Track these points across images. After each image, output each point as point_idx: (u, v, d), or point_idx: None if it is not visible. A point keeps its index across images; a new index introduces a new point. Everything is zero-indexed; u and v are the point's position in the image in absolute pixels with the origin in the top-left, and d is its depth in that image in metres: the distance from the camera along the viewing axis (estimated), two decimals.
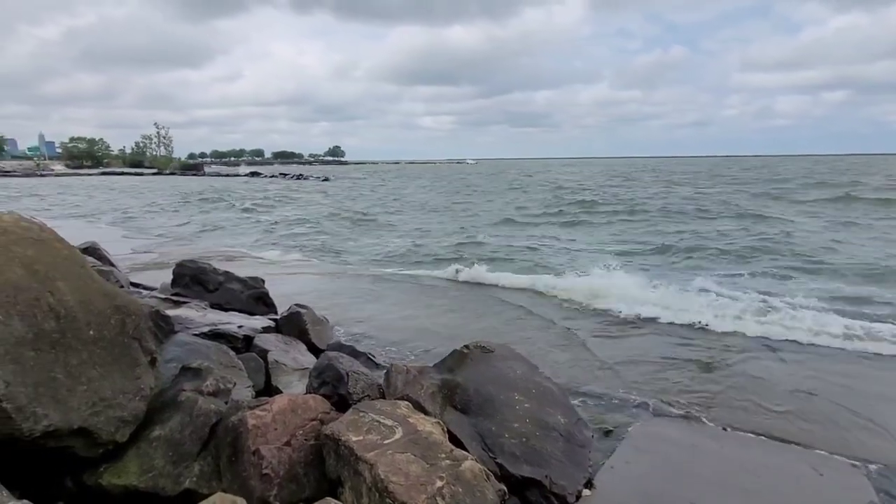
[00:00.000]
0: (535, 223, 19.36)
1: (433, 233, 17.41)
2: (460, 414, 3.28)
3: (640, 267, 10.94)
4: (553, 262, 11.76)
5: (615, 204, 24.08)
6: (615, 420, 4.12)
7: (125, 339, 2.68)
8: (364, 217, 22.09)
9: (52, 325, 2.31)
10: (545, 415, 3.30)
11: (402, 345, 6.32)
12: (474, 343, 3.81)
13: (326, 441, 2.66)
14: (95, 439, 2.40)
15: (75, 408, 2.30)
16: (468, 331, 6.75)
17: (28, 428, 2.08)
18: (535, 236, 16.20)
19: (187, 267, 6.20)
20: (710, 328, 6.91)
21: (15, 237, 2.37)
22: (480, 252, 13.18)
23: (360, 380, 3.53)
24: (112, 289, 2.80)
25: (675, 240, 14.53)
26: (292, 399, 2.96)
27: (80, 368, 2.37)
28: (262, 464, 2.53)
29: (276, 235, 17.29)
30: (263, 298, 6.34)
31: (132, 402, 2.60)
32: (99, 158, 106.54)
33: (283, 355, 4.41)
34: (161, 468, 2.58)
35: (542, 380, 3.68)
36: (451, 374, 3.56)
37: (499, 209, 24.50)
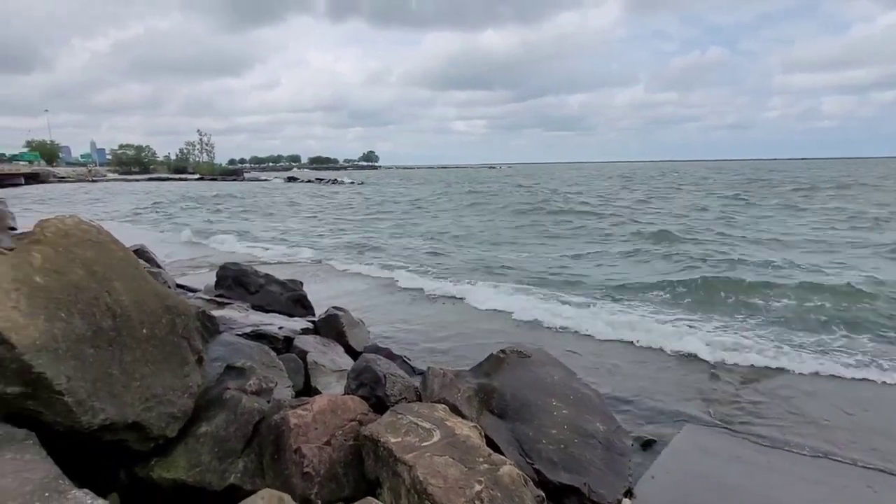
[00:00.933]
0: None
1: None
2: (497, 418, 3.27)
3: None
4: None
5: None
6: (656, 430, 4.03)
7: (175, 339, 2.79)
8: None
9: (109, 323, 2.42)
10: (584, 422, 3.26)
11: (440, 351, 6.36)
12: (511, 347, 3.80)
13: (365, 442, 2.70)
14: (147, 434, 2.50)
15: (129, 403, 2.40)
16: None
17: (87, 421, 2.19)
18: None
19: (230, 269, 6.39)
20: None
21: (76, 239, 2.50)
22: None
23: (397, 382, 3.56)
24: (163, 289, 2.91)
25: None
26: (332, 399, 3.02)
27: (134, 365, 2.48)
28: (304, 462, 2.59)
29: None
30: (302, 301, 6.48)
31: (181, 399, 2.69)
32: (146, 164, 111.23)
33: (321, 357, 4.49)
34: (207, 463, 2.67)
35: (579, 386, 3.64)
36: (488, 378, 3.56)
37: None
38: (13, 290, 2.11)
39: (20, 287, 2.15)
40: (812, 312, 7.72)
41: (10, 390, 2.04)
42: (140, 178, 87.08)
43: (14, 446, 1.95)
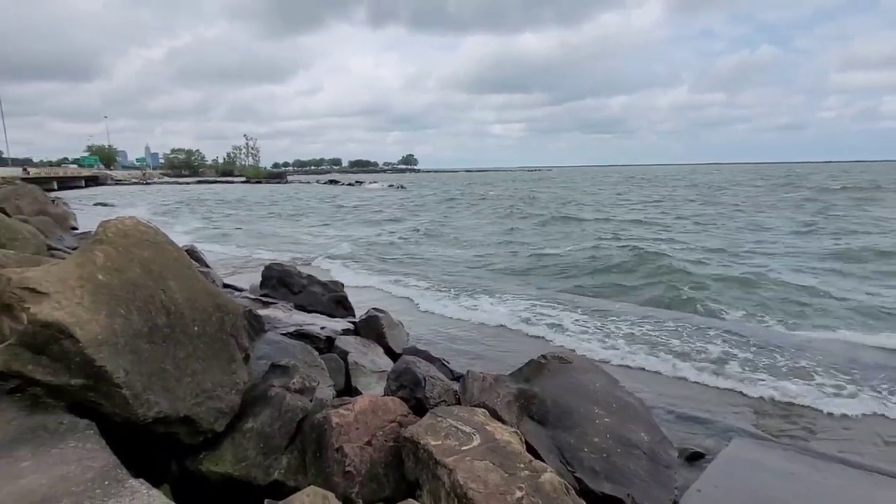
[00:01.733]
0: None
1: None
2: (537, 425, 3.23)
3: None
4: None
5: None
6: (702, 443, 3.89)
7: (224, 336, 2.88)
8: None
9: (163, 320, 2.52)
10: (627, 431, 3.18)
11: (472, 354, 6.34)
12: (552, 353, 3.75)
13: (405, 443, 2.71)
14: (197, 427, 2.59)
15: (181, 397, 2.49)
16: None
17: (142, 413, 2.28)
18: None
19: (274, 270, 6.56)
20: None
21: (135, 240, 2.62)
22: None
23: (436, 385, 3.57)
24: (213, 288, 3.02)
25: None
26: (373, 400, 3.05)
27: (186, 361, 2.57)
28: (346, 461, 2.62)
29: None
30: (342, 302, 6.59)
31: (229, 395, 2.78)
32: (195, 168, 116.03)
33: (361, 357, 4.55)
34: (253, 459, 2.74)
35: (623, 394, 3.55)
36: (528, 383, 3.52)
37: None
38: (78, 287, 2.23)
39: (84, 284, 2.27)
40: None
41: (74, 382, 2.15)
42: (190, 180, 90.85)
43: (77, 435, 2.06)
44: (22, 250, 3.73)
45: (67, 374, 2.16)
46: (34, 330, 2.11)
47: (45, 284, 2.17)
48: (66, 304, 2.15)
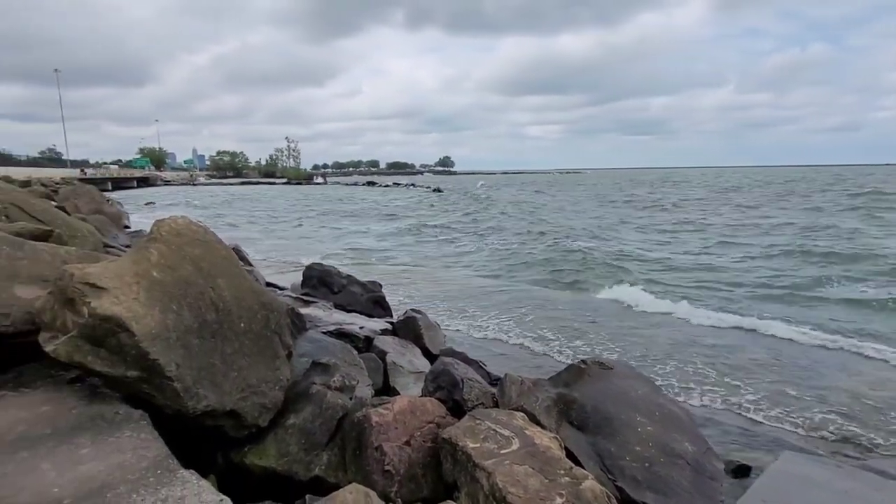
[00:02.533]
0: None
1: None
2: (577, 431, 3.18)
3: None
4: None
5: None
6: (750, 456, 3.75)
7: (268, 333, 2.96)
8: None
9: (212, 316, 2.61)
10: (670, 440, 3.09)
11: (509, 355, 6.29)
12: (592, 358, 3.68)
13: (444, 445, 2.71)
14: (242, 421, 2.66)
15: (228, 392, 2.56)
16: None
17: (192, 406, 2.36)
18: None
19: (315, 269, 6.69)
20: (864, 352, 6.07)
21: (187, 239, 2.72)
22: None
23: (474, 387, 3.56)
24: (259, 287, 3.10)
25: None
26: (411, 401, 3.07)
27: (233, 357, 2.65)
28: (385, 460, 2.65)
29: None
30: (381, 302, 6.66)
31: (273, 391, 2.84)
32: (239, 169, 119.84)
33: (399, 357, 4.59)
34: (295, 454, 2.80)
35: (666, 402, 3.46)
36: (567, 388, 3.47)
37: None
38: (134, 283, 2.33)
39: (140, 280, 2.37)
40: None
41: (130, 374, 2.25)
42: (234, 182, 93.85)
43: (132, 425, 2.15)
44: (81, 247, 3.92)
45: (124, 366, 2.26)
46: (94, 323, 2.22)
47: (104, 280, 2.28)
48: (123, 299, 2.25)
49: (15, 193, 4.50)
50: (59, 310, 2.34)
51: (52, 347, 2.28)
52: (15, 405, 2.22)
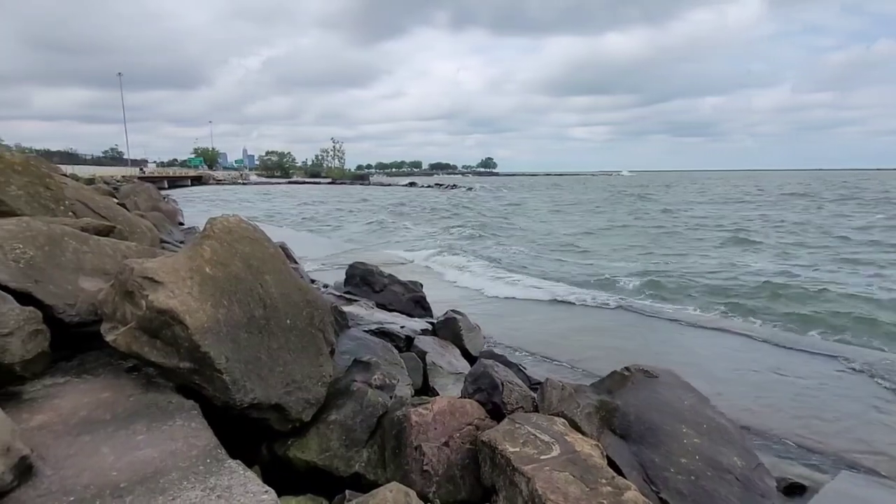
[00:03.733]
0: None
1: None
2: (619, 439, 3.10)
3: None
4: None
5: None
6: (805, 474, 3.56)
7: (313, 330, 3.02)
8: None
9: (260, 312, 2.69)
10: (718, 454, 2.97)
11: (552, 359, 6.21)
12: (636, 366, 3.59)
13: (483, 447, 2.70)
14: (286, 415, 2.73)
15: (273, 386, 2.64)
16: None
17: (239, 399, 2.44)
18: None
19: (358, 268, 6.80)
20: None
21: (237, 236, 2.81)
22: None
23: (514, 390, 3.53)
24: (305, 284, 3.17)
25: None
26: (451, 402, 3.07)
27: (279, 352, 2.72)
28: (424, 460, 2.66)
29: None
30: (421, 302, 6.70)
31: (315, 387, 2.91)
32: (286, 169, 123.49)
33: (439, 358, 4.60)
34: (336, 450, 2.85)
35: (714, 414, 3.33)
36: (610, 395, 3.39)
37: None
38: (188, 278, 2.43)
39: (194, 275, 2.47)
40: None
41: (182, 365, 2.35)
42: (281, 181, 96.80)
43: (183, 414, 2.24)
44: (140, 242, 4.12)
45: (177, 358, 2.36)
46: (150, 315, 2.32)
47: (161, 274, 2.38)
48: (178, 293, 2.35)
49: (81, 191, 4.77)
50: (119, 302, 2.46)
51: (112, 337, 2.41)
52: (78, 391, 2.35)
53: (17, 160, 3.92)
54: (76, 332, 2.77)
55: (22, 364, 2.32)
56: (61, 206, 4.02)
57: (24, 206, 3.69)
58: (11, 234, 2.75)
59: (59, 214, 3.88)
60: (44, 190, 3.91)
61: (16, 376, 2.32)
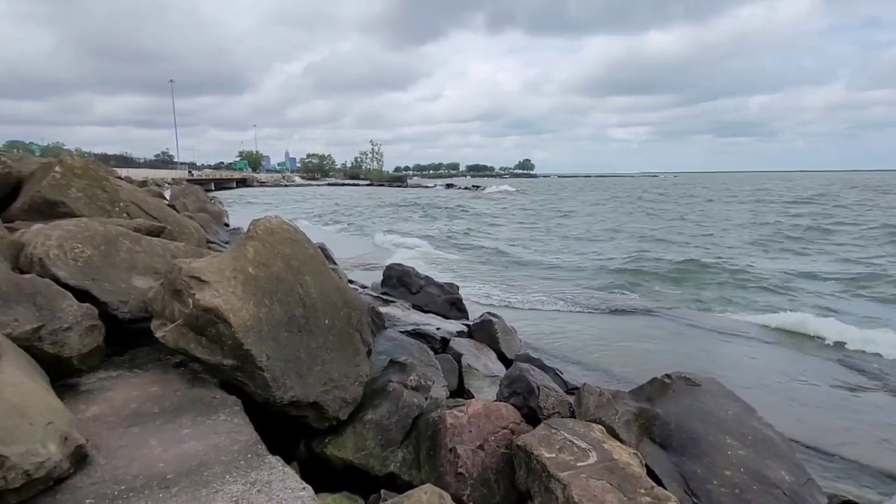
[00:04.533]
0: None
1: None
2: (659, 448, 3.02)
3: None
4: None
5: None
6: (857, 491, 3.38)
7: (350, 330, 3.07)
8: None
9: (300, 311, 2.75)
10: (764, 467, 2.85)
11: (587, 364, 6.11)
12: (677, 373, 3.48)
13: (518, 452, 2.68)
14: (324, 414, 2.78)
15: (312, 384, 2.69)
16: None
17: (279, 396, 2.50)
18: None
19: (395, 269, 6.87)
20: None
21: (279, 237, 2.89)
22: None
23: (550, 395, 3.49)
24: (343, 285, 3.23)
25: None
26: (486, 405, 3.06)
27: (317, 351, 2.78)
28: (458, 462, 2.66)
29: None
30: (457, 304, 6.71)
31: (352, 386, 2.95)
32: (326, 171, 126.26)
33: (475, 360, 4.59)
34: (371, 449, 2.88)
35: (760, 426, 3.19)
36: (650, 403, 3.31)
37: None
38: (233, 278, 2.51)
39: (237, 275, 2.55)
40: None
41: (226, 362, 2.43)
42: (321, 183, 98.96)
43: (226, 410, 2.31)
44: (188, 243, 4.29)
45: (221, 354, 2.44)
46: (197, 313, 2.41)
47: (207, 274, 2.47)
48: (223, 292, 2.43)
49: (135, 193, 4.99)
50: (168, 300, 2.57)
51: (161, 333, 2.51)
52: (129, 384, 2.47)
53: (78, 164, 4.15)
54: (128, 328, 2.90)
55: (79, 357, 2.45)
56: (116, 207, 4.22)
57: (83, 208, 3.90)
58: (71, 235, 2.91)
59: (115, 215, 4.08)
60: (101, 192, 4.12)
61: (73, 369, 2.45)
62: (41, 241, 2.79)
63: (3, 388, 1.62)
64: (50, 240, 2.80)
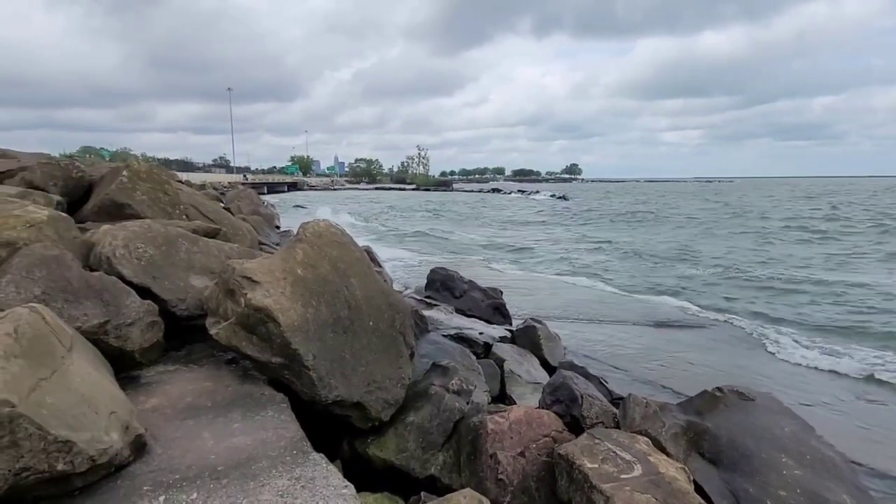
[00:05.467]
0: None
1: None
2: (708, 464, 2.91)
3: None
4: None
5: None
6: None
7: (394, 333, 3.12)
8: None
9: (345, 313, 2.81)
10: (823, 489, 2.69)
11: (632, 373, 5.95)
12: (729, 387, 3.34)
13: (560, 461, 2.64)
14: (367, 414, 2.83)
15: (355, 384, 2.75)
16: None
17: (324, 395, 2.57)
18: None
19: (439, 273, 6.91)
20: None
21: (326, 240, 2.97)
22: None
23: (594, 404, 3.42)
24: (387, 288, 3.28)
25: None
26: (528, 411, 3.04)
27: (361, 353, 2.84)
28: (499, 469, 2.65)
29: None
30: (501, 309, 6.67)
31: (395, 388, 2.99)
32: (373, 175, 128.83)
33: (517, 366, 4.56)
34: (412, 451, 2.91)
35: (819, 445, 3.02)
36: (699, 417, 3.19)
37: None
38: (282, 279, 2.60)
39: (287, 276, 2.64)
40: None
41: (275, 360, 2.51)
42: (368, 187, 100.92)
43: (274, 406, 2.39)
44: (241, 244, 4.47)
45: (270, 353, 2.53)
46: (248, 312, 2.51)
47: (258, 275, 2.57)
48: (273, 292, 2.52)
49: (194, 196, 5.25)
50: (222, 299, 2.69)
51: (215, 331, 2.63)
52: (186, 379, 2.59)
53: (143, 169, 4.40)
54: (185, 325, 3.05)
55: (140, 351, 2.60)
56: (177, 209, 4.45)
57: (146, 210, 4.14)
58: (136, 235, 3.09)
59: (175, 217, 4.30)
60: (163, 195, 4.36)
61: (135, 362, 2.60)
62: (108, 240, 2.98)
63: (73, 379, 1.74)
64: (116, 240, 2.99)
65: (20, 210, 2.85)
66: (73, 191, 4.52)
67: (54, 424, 1.54)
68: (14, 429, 1.45)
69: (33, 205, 3.09)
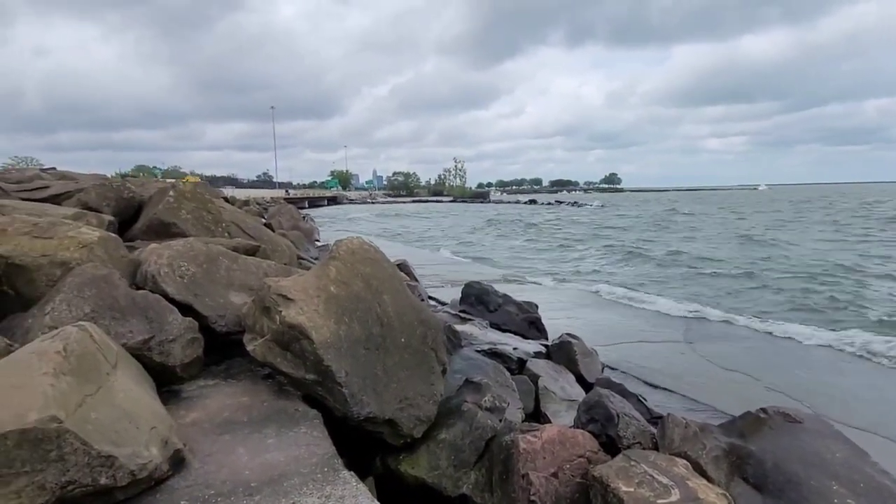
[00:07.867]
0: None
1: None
2: (752, 490, 2.78)
3: None
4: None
5: None
6: None
7: (425, 349, 3.13)
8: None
9: (377, 330, 2.85)
10: None
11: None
12: (774, 408, 3.19)
13: (594, 483, 2.58)
14: (398, 431, 2.84)
15: (387, 401, 2.77)
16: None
17: (356, 412, 2.60)
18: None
19: (473, 287, 6.90)
20: None
21: (359, 257, 3.02)
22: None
23: (631, 424, 3.33)
24: (419, 304, 3.30)
25: None
26: (562, 431, 2.98)
27: (393, 369, 2.86)
28: (531, 490, 2.61)
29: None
30: (536, 324, 6.60)
31: (427, 405, 2.99)
32: (411, 188, 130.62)
33: (552, 383, 4.49)
34: (444, 469, 2.90)
35: (874, 472, 2.84)
36: (742, 439, 3.05)
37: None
38: (315, 297, 2.66)
39: (320, 294, 2.69)
40: None
41: (308, 376, 2.56)
42: (406, 200, 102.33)
43: (307, 422, 2.44)
44: (279, 260, 4.59)
45: (303, 369, 2.58)
46: (283, 329, 2.58)
47: (293, 292, 2.64)
48: (306, 310, 2.58)
49: (236, 213, 5.45)
50: (258, 315, 2.77)
51: (251, 347, 2.71)
52: (224, 393, 2.68)
53: (188, 189, 4.61)
54: (225, 340, 3.15)
55: (181, 367, 2.70)
56: (219, 227, 4.63)
57: (190, 228, 4.32)
58: (179, 254, 3.23)
59: (217, 235, 4.47)
60: (206, 213, 4.54)
61: (176, 377, 2.70)
62: (154, 259, 3.12)
63: (116, 395, 1.82)
64: (161, 258, 3.13)
65: (74, 231, 3.03)
66: (124, 210, 4.77)
67: (98, 439, 1.61)
68: (61, 444, 1.53)
69: (86, 226, 3.28)
